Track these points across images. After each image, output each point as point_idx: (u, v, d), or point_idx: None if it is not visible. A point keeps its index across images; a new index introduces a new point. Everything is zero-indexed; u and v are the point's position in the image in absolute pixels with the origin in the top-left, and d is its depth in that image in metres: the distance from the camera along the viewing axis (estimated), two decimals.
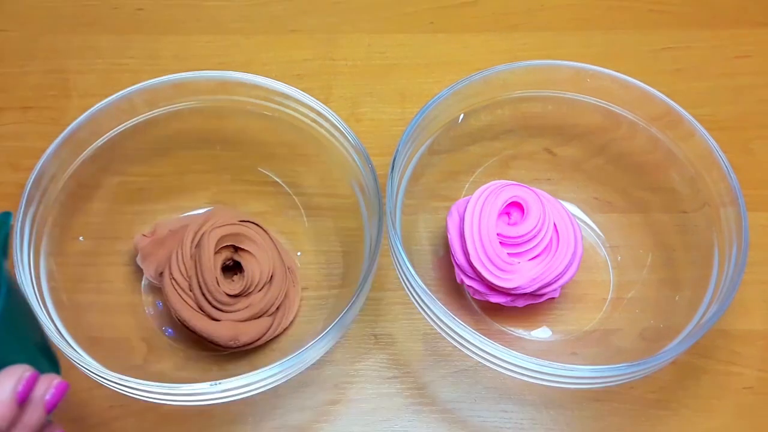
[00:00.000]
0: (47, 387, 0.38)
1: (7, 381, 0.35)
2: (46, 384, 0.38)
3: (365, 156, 0.59)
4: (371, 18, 0.80)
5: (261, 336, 0.60)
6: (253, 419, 0.58)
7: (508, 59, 0.66)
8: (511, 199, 0.60)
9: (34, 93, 0.74)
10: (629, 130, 0.65)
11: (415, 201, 0.64)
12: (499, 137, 0.68)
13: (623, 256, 0.65)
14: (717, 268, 0.58)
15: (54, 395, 0.38)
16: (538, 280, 0.59)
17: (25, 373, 0.36)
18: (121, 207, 0.65)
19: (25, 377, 0.36)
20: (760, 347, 0.62)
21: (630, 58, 0.77)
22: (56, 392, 0.38)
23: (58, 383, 0.38)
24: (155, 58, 0.76)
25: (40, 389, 0.37)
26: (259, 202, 0.67)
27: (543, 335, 0.62)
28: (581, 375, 0.51)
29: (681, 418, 0.59)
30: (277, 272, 0.61)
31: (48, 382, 0.38)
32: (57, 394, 0.38)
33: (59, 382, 0.38)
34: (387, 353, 0.62)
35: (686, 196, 0.63)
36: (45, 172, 0.58)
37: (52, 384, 0.38)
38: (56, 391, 0.38)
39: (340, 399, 0.60)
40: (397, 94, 0.75)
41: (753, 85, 0.76)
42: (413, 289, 0.55)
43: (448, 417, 0.59)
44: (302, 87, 0.63)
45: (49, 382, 0.38)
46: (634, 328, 0.61)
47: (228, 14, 0.80)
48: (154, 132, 0.65)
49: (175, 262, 0.60)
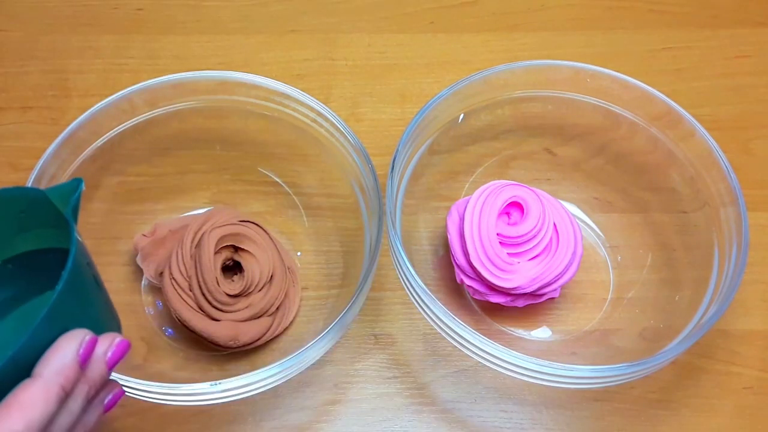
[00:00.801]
0: (109, 345, 0.40)
1: (69, 344, 0.37)
2: (108, 342, 0.40)
3: (365, 156, 0.59)
4: (371, 18, 0.80)
5: (261, 336, 0.60)
6: (253, 419, 0.58)
7: (508, 59, 0.66)
8: (511, 199, 0.60)
9: (34, 93, 0.74)
10: (629, 130, 0.65)
11: (415, 201, 0.64)
12: (499, 137, 0.68)
13: (623, 256, 0.65)
14: (717, 268, 0.58)
15: (115, 353, 0.40)
16: (538, 280, 0.59)
17: (86, 336, 0.38)
18: (121, 207, 0.65)
19: (86, 341, 0.38)
20: (760, 347, 0.62)
21: (630, 58, 0.77)
22: (117, 350, 0.40)
23: (119, 341, 0.40)
24: (155, 58, 0.76)
25: (102, 348, 0.39)
26: (259, 202, 0.67)
27: (543, 335, 0.62)
28: (581, 375, 0.51)
29: (681, 418, 0.59)
30: (277, 272, 0.61)
31: (110, 340, 0.40)
32: (118, 352, 0.40)
33: (120, 341, 0.40)
34: (387, 353, 0.62)
35: (686, 196, 0.63)
36: (45, 172, 0.58)
37: (113, 342, 0.40)
38: (117, 349, 0.40)
39: (340, 399, 0.60)
40: (397, 94, 0.75)
41: (753, 85, 0.76)
42: (413, 289, 0.55)
43: (448, 417, 0.59)
44: (302, 87, 0.63)
45: (111, 341, 0.40)
46: (634, 328, 0.61)
47: (228, 14, 0.80)
48: (154, 132, 0.65)
49: (175, 262, 0.60)
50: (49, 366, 0.37)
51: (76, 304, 0.39)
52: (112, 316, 0.44)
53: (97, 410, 0.41)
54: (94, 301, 0.41)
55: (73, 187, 0.41)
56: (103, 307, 0.42)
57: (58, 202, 0.42)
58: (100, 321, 0.41)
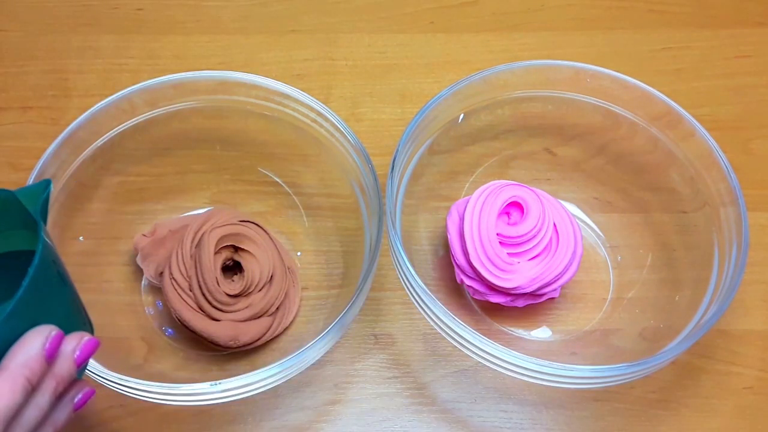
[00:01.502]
0: (77, 343, 0.40)
1: (35, 338, 0.38)
2: (76, 340, 0.40)
3: (365, 156, 0.59)
4: (371, 18, 0.80)
5: (261, 336, 0.60)
6: (253, 419, 0.58)
7: (508, 59, 0.66)
8: (511, 199, 0.60)
9: (34, 93, 0.74)
10: (629, 130, 0.65)
11: (415, 201, 0.64)
12: (499, 137, 0.68)
13: (623, 256, 0.65)
14: (717, 268, 0.58)
15: (83, 350, 0.41)
16: (538, 280, 0.59)
17: (51, 332, 0.39)
18: (121, 207, 0.65)
19: (52, 336, 0.39)
20: (760, 347, 0.62)
21: (630, 58, 0.77)
22: (85, 348, 0.41)
23: (87, 339, 0.41)
24: (155, 58, 0.76)
25: (70, 345, 0.40)
26: (259, 202, 0.67)
27: (543, 335, 0.62)
28: (581, 375, 0.51)
29: (681, 418, 0.59)
30: (277, 272, 0.61)
31: (78, 338, 0.41)
32: (86, 350, 0.41)
33: (89, 339, 0.41)
34: (387, 353, 0.62)
35: (686, 196, 0.63)
36: (45, 172, 0.58)
37: (82, 340, 0.41)
38: (85, 347, 0.41)
39: (340, 399, 0.60)
40: (397, 94, 0.75)
41: (753, 85, 0.76)
42: (413, 289, 0.55)
43: (448, 417, 0.59)
44: (302, 87, 0.63)
45: (79, 339, 0.41)
46: (634, 328, 0.61)
47: (228, 14, 0.80)
48: (154, 132, 0.65)
49: (175, 262, 0.60)
50: (15, 359, 0.37)
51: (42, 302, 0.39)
52: (82, 317, 0.44)
53: (67, 408, 0.41)
54: (63, 300, 0.42)
55: (42, 187, 0.42)
56: (72, 307, 0.43)
57: (28, 202, 0.42)
58: (69, 321, 0.42)
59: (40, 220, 0.40)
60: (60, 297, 0.41)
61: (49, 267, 0.40)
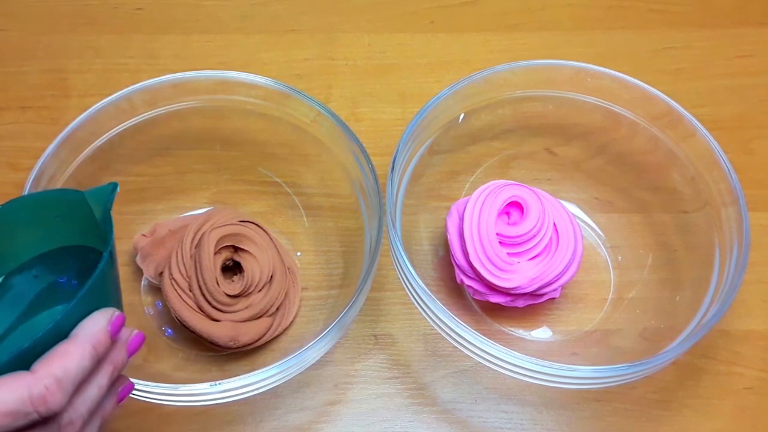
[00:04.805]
0: (129, 333, 0.44)
1: (102, 315, 0.42)
2: (128, 332, 0.44)
3: (365, 156, 0.59)
4: (371, 17, 0.80)
5: (261, 336, 0.60)
6: (253, 419, 0.58)
7: (508, 59, 0.66)
8: (511, 198, 0.60)
9: (33, 93, 0.74)
10: (630, 130, 0.65)
11: (415, 201, 0.64)
12: (499, 137, 0.68)
13: (624, 256, 0.65)
14: (718, 268, 0.58)
15: (134, 340, 0.44)
16: (538, 280, 0.59)
17: (115, 312, 0.43)
18: (121, 207, 0.64)
19: (116, 315, 0.42)
20: (761, 347, 0.62)
21: (630, 58, 0.77)
22: (136, 339, 0.44)
23: (137, 332, 0.44)
24: (155, 58, 0.76)
25: (126, 333, 0.43)
26: (259, 202, 0.67)
27: (543, 335, 0.62)
28: (582, 375, 0.51)
29: (682, 418, 0.59)
30: (277, 272, 0.61)
31: (129, 331, 0.44)
32: (137, 340, 0.44)
33: (137, 333, 0.44)
34: (387, 353, 0.61)
35: (687, 196, 0.63)
36: (44, 172, 0.58)
37: (132, 333, 0.44)
38: (136, 338, 0.44)
39: (340, 399, 0.60)
40: (397, 94, 0.75)
41: (753, 85, 0.76)
42: (413, 289, 0.55)
43: (448, 417, 0.59)
44: (302, 87, 0.63)
45: (130, 332, 0.44)
46: (634, 328, 0.61)
47: (228, 14, 0.80)
48: (153, 132, 0.65)
49: (175, 263, 0.60)
50: (84, 329, 0.41)
51: (106, 288, 0.43)
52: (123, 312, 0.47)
53: (113, 398, 0.44)
54: (117, 291, 0.45)
55: (109, 189, 0.45)
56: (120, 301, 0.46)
57: (94, 203, 0.46)
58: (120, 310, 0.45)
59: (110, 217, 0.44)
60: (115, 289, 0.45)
61: (114, 261, 0.43)
